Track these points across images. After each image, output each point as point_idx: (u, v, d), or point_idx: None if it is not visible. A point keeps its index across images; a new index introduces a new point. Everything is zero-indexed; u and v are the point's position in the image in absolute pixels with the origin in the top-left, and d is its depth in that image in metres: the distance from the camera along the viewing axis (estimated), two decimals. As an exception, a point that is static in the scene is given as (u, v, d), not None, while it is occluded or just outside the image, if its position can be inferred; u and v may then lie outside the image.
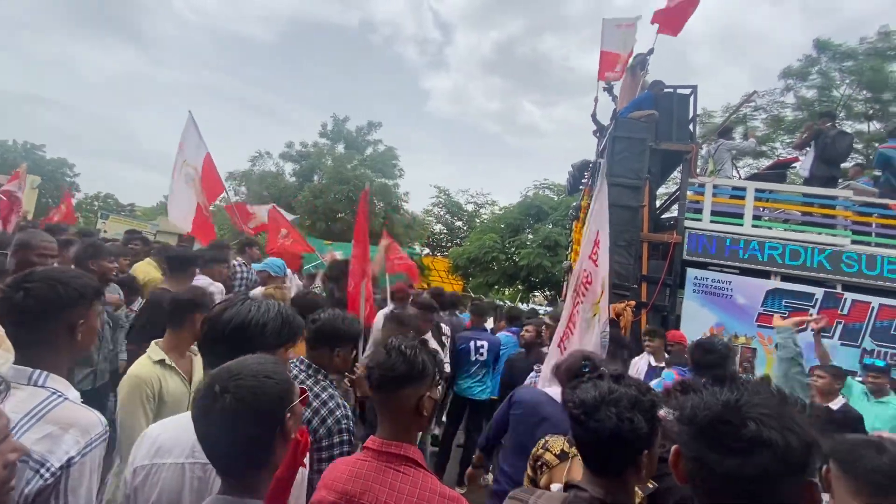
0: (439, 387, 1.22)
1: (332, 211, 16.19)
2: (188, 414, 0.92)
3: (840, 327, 4.97)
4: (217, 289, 3.27)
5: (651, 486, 1.34)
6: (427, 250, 23.88)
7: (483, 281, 14.17)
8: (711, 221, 5.44)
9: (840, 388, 3.41)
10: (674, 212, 6.19)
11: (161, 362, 1.74)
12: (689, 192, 5.59)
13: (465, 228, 23.31)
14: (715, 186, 5.60)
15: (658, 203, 7.11)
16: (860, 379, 4.00)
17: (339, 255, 5.15)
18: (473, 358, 4.23)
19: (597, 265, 2.82)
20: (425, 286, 11.91)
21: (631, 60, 6.43)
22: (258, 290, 3.33)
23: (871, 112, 13.99)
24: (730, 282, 5.24)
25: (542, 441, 1.75)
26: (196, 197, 5.03)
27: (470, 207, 24.06)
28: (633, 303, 5.16)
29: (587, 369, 1.75)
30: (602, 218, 3.00)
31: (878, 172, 6.29)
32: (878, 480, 1.31)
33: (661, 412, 1.11)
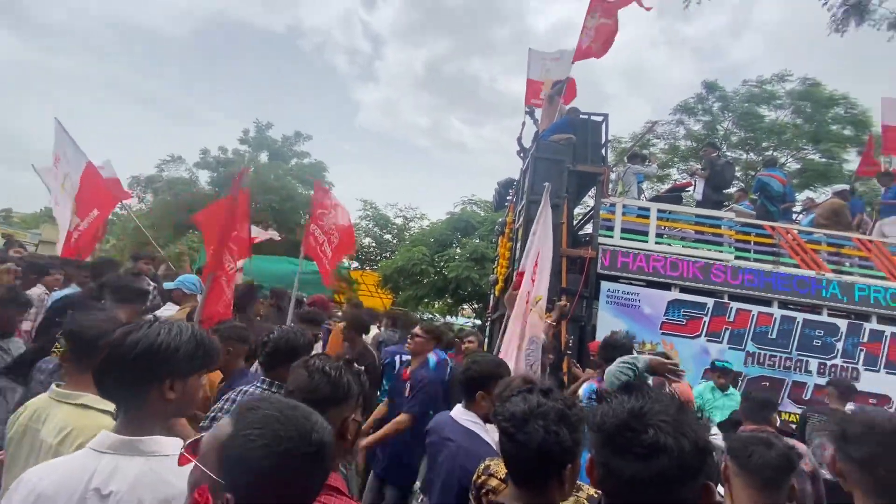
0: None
1: (254, 222, 15.43)
2: (77, 455, 0.81)
3: (727, 333, 5.63)
4: None
5: (596, 495, 1.33)
6: (356, 264, 23.38)
7: (413, 294, 14.15)
8: (621, 238, 5.93)
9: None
10: (589, 229, 6.67)
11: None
12: (602, 211, 6.06)
13: (394, 242, 23.18)
14: (624, 206, 6.13)
15: (575, 221, 7.63)
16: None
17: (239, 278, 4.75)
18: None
19: (533, 283, 2.92)
20: (343, 301, 11.62)
21: (549, 89, 6.92)
22: (168, 311, 3.04)
23: (747, 145, 16.37)
24: (637, 293, 5.73)
25: (482, 466, 1.61)
26: (69, 215, 4.51)
27: (399, 221, 24.02)
28: (553, 314, 5.45)
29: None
30: (545, 239, 3.13)
31: (755, 196, 7.32)
32: (768, 474, 1.45)
33: None
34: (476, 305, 16.21)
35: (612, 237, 5.93)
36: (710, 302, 5.66)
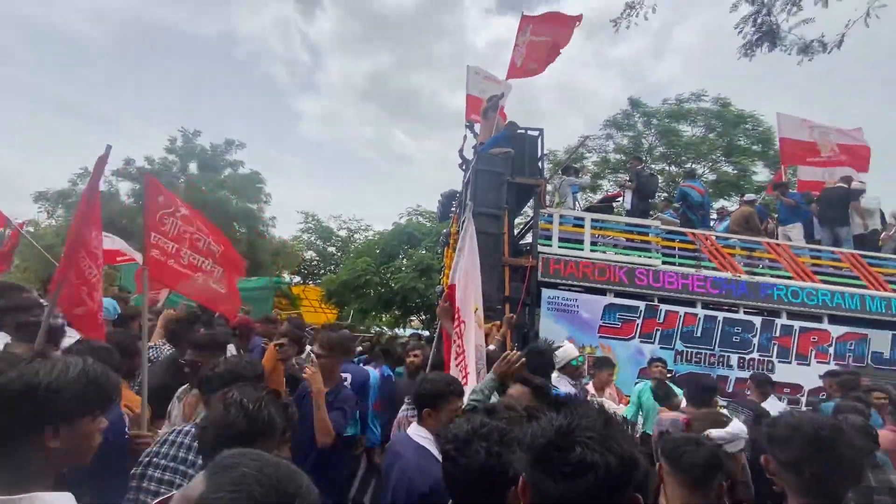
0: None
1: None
2: None
3: (658, 333, 5.98)
4: None
5: None
6: (298, 278, 22.51)
7: (359, 307, 13.84)
8: (560, 247, 6.16)
9: None
10: (529, 238, 6.87)
11: None
12: (540, 222, 6.27)
13: (338, 255, 22.62)
14: (561, 216, 6.39)
15: (516, 231, 7.83)
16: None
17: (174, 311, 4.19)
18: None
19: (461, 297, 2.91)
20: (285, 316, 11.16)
21: (486, 103, 7.11)
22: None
23: (669, 159, 17.77)
24: (576, 299, 5.96)
25: None
26: None
27: (343, 233, 23.51)
28: (498, 323, 5.51)
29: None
30: (471, 254, 3.13)
31: (677, 205, 7.90)
32: (697, 473, 1.52)
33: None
34: (424, 317, 16.15)
35: (550, 246, 6.14)
36: (641, 305, 6.00)
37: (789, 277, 6.38)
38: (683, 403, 3.62)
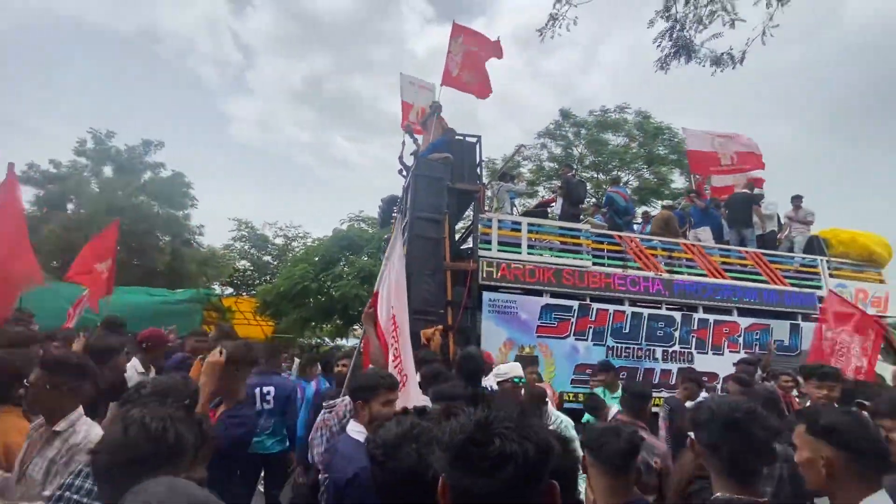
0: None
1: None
2: None
3: (591, 331, 6.30)
4: None
5: None
6: (230, 290, 21.24)
7: (297, 318, 13.27)
8: (499, 250, 6.32)
9: None
10: (469, 243, 6.98)
11: None
12: (480, 226, 6.40)
13: (274, 264, 21.62)
14: (500, 221, 6.56)
15: (457, 236, 7.93)
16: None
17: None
18: (259, 407, 3.65)
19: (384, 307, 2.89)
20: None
21: (426, 112, 7.21)
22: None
23: (597, 167, 18.95)
24: (515, 301, 6.13)
25: None
26: None
27: (280, 241, 22.53)
28: (440, 327, 5.54)
29: None
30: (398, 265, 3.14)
31: (604, 210, 8.41)
32: (618, 461, 1.60)
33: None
34: (367, 325, 15.83)
35: (490, 250, 6.28)
36: (575, 304, 6.29)
37: (704, 275, 6.99)
38: (614, 410, 3.84)
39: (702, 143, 8.62)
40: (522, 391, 3.11)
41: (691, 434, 1.32)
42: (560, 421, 3.12)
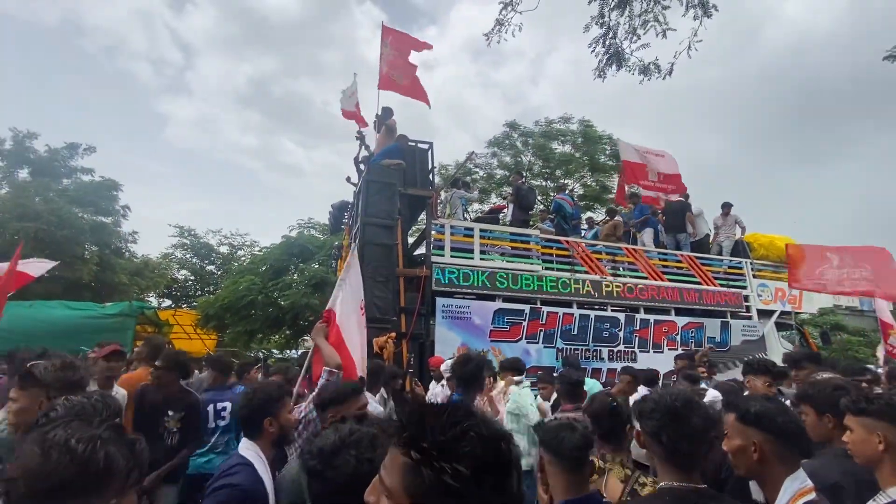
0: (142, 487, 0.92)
1: (6, 257, 11.71)
2: None
3: (542, 334, 6.47)
4: None
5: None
6: (168, 302, 19.92)
7: (242, 330, 12.64)
8: (452, 256, 6.36)
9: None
10: (422, 249, 6.97)
11: None
12: (433, 232, 6.41)
13: (218, 274, 20.54)
14: (452, 227, 6.60)
15: (410, 241, 7.90)
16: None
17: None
18: (213, 424, 3.50)
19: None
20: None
21: (378, 119, 7.17)
22: None
23: (545, 174, 19.64)
24: (468, 306, 6.18)
25: None
26: None
27: (224, 249, 21.46)
28: (393, 334, 5.48)
29: None
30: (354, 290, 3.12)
31: (552, 216, 8.70)
32: (574, 455, 1.62)
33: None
34: (317, 335, 15.37)
35: (443, 255, 6.31)
36: (526, 308, 6.45)
37: (645, 277, 7.40)
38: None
39: (633, 154, 9.13)
40: None
41: (637, 424, 1.38)
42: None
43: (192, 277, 20.82)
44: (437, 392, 4.46)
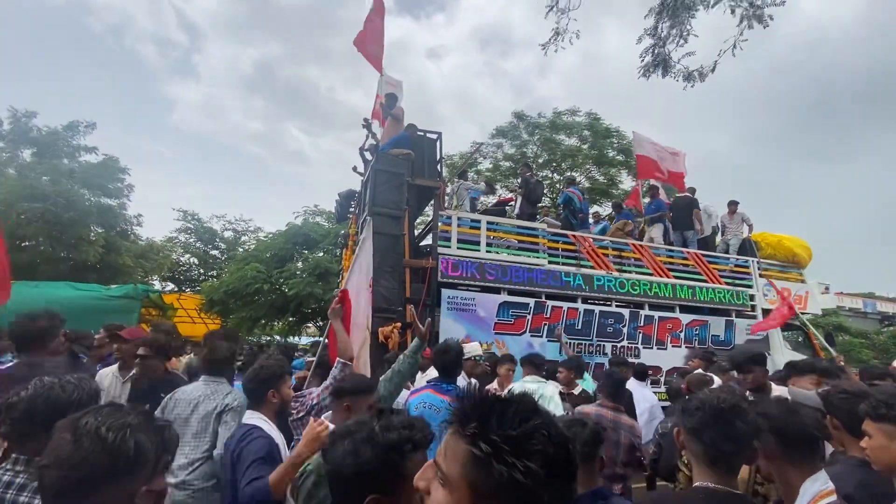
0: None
1: (13, 237, 11.68)
2: None
3: (546, 327, 6.48)
4: None
5: None
6: (171, 285, 20.05)
7: (247, 316, 12.72)
8: (458, 248, 6.35)
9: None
10: (429, 240, 6.96)
11: None
12: (440, 223, 6.39)
13: (222, 259, 20.64)
14: (459, 218, 6.58)
15: (417, 232, 7.89)
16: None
17: None
18: None
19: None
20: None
21: (383, 101, 7.09)
22: None
23: (551, 167, 19.49)
24: (473, 298, 6.18)
25: None
26: None
27: (229, 235, 21.52)
28: (399, 324, 5.50)
29: None
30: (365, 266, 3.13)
31: (560, 209, 8.66)
32: (584, 450, 1.70)
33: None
34: (321, 323, 15.45)
35: (449, 247, 6.30)
36: (531, 302, 6.45)
37: (650, 274, 7.37)
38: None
39: (648, 150, 9.07)
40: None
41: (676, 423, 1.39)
42: None
43: (196, 262, 20.92)
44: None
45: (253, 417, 2.06)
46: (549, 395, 3.59)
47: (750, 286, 7.95)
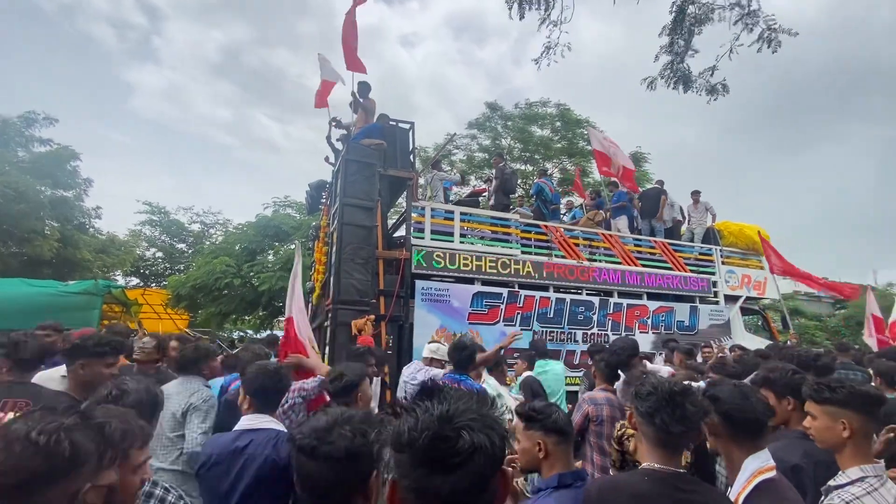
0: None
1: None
2: None
3: (519, 316, 6.57)
4: None
5: None
6: (135, 280, 19.30)
7: (216, 311, 12.39)
8: (431, 239, 6.34)
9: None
10: (402, 231, 6.92)
11: None
12: (413, 214, 6.36)
13: (189, 252, 19.96)
14: (432, 209, 6.57)
15: (390, 223, 7.83)
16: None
17: None
18: None
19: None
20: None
21: (356, 90, 6.89)
22: None
23: (524, 158, 19.63)
24: (447, 289, 6.21)
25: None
26: None
27: (196, 227, 20.83)
28: (372, 317, 5.47)
29: None
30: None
31: (532, 200, 8.75)
32: (567, 429, 1.74)
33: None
34: (293, 316, 15.19)
35: (423, 238, 6.28)
36: (504, 291, 6.52)
37: (619, 262, 7.57)
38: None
39: (601, 144, 9.20)
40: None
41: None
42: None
43: (162, 256, 20.19)
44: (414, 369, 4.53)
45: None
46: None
47: (713, 273, 8.27)
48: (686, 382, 1.46)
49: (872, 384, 2.99)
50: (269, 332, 16.63)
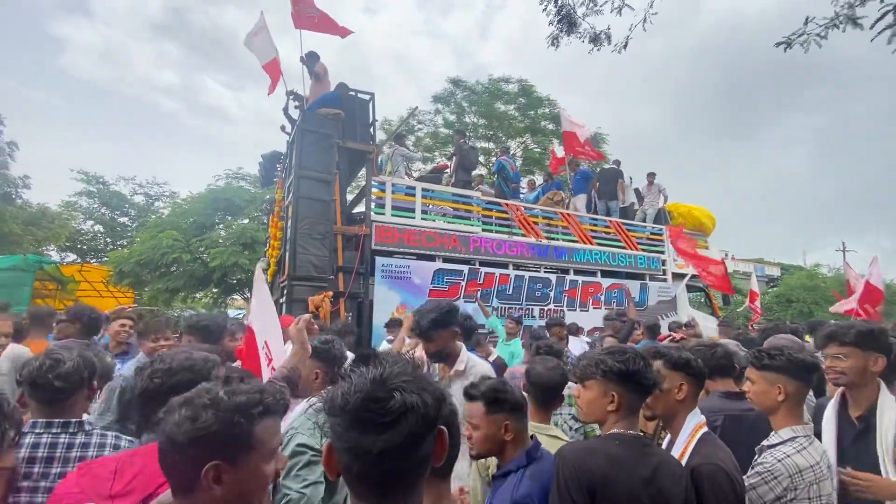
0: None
1: None
2: None
3: (479, 293, 6.65)
4: None
5: None
6: (72, 256, 17.97)
7: (163, 288, 11.75)
8: (392, 215, 6.24)
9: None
10: (362, 206, 6.76)
11: None
12: (374, 189, 6.21)
13: (132, 226, 18.72)
14: (394, 185, 6.43)
15: (350, 198, 7.62)
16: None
17: None
18: None
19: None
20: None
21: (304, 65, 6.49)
22: None
23: (488, 135, 19.54)
24: (408, 266, 6.16)
25: None
26: None
27: (139, 199, 19.52)
28: (330, 293, 5.36)
29: None
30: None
31: (494, 177, 8.74)
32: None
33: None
34: (248, 294, 14.68)
35: (384, 214, 6.16)
36: (465, 269, 6.55)
37: (576, 241, 7.77)
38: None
39: (569, 125, 9.35)
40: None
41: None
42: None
43: (102, 230, 18.83)
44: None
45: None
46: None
47: (662, 252, 8.66)
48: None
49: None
50: (222, 309, 16.07)
